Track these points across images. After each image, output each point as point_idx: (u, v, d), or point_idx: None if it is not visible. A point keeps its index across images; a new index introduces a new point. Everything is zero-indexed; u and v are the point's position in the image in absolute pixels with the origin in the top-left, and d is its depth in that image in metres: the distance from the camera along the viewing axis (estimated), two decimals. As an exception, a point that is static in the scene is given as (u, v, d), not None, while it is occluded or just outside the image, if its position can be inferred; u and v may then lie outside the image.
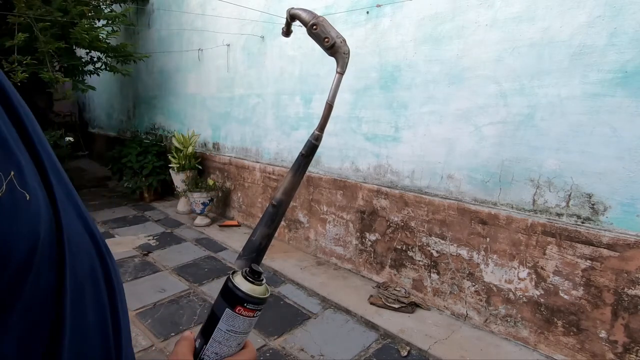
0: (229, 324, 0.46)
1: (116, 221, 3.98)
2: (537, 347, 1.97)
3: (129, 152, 4.71)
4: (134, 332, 2.12)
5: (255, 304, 0.47)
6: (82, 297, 0.36)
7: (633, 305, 1.66)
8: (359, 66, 2.67)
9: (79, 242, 0.37)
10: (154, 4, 5.00)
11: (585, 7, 1.73)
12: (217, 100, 4.16)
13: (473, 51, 2.12)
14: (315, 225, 3.12)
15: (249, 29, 3.59)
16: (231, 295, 0.47)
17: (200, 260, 3.09)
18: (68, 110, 7.92)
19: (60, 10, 3.81)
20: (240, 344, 0.48)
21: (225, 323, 0.47)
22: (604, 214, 1.75)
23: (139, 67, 5.23)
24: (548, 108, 1.88)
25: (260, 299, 0.47)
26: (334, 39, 0.56)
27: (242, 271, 0.49)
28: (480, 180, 2.15)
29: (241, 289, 0.47)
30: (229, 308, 0.46)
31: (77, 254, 0.36)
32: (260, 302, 0.47)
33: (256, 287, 0.47)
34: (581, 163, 1.80)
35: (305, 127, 3.17)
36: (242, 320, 0.47)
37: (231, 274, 0.49)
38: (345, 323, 2.28)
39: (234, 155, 4.02)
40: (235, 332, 0.47)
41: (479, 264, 2.16)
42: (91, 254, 0.40)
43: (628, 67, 1.64)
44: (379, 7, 2.53)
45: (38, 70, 3.60)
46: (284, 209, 0.59)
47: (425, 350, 1.99)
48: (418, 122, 2.40)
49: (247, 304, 0.46)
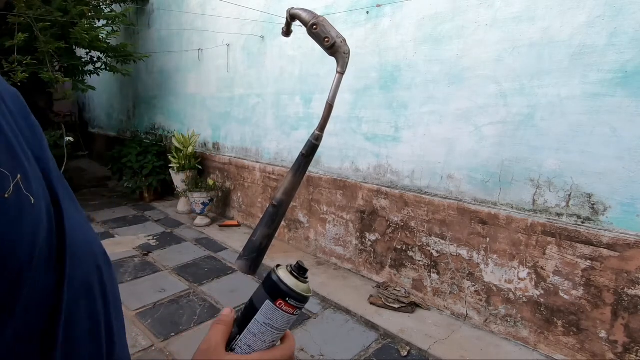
0: (267, 317, 0.45)
1: (116, 221, 3.98)
2: (537, 347, 1.97)
3: (129, 152, 4.71)
4: (134, 332, 2.12)
5: (297, 301, 0.45)
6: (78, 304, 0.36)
7: (633, 305, 1.66)
8: (359, 66, 2.67)
9: (80, 250, 0.37)
10: (154, 4, 5.00)
11: (585, 7, 1.73)
12: (217, 100, 4.16)
13: (473, 51, 2.12)
14: (315, 225, 3.12)
15: (249, 29, 3.59)
16: (274, 288, 0.46)
17: (200, 260, 3.09)
18: (68, 110, 7.91)
19: (60, 10, 3.81)
20: (274, 341, 0.46)
21: (263, 315, 0.45)
22: (604, 214, 1.75)
23: (139, 67, 5.23)
24: (548, 108, 1.88)
25: (303, 296, 0.45)
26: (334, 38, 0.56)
27: (287, 266, 0.48)
28: (480, 180, 2.16)
29: (285, 282, 0.45)
30: (269, 300, 0.45)
31: (77, 261, 0.36)
32: (302, 300, 0.45)
33: (300, 284, 0.46)
34: (581, 163, 1.80)
35: (305, 127, 3.17)
36: (282, 316, 0.45)
37: (275, 267, 0.48)
38: (345, 323, 2.28)
39: (234, 155, 4.02)
40: (272, 326, 0.45)
41: (479, 264, 2.16)
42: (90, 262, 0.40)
43: (628, 67, 1.64)
44: (379, 7, 2.53)
45: (38, 70, 3.60)
46: (285, 209, 0.59)
47: (425, 350, 1.99)
48: (418, 122, 2.40)
49: (289, 298, 0.45)
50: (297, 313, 0.46)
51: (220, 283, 2.73)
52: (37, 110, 4.77)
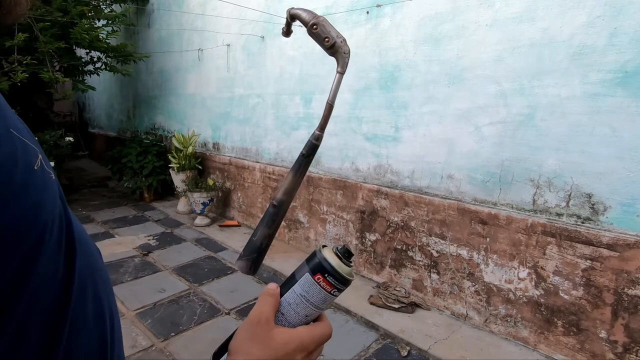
0: (304, 289, 0.46)
1: (116, 221, 3.98)
2: (537, 347, 1.97)
3: (129, 152, 4.71)
4: (134, 332, 2.12)
5: (336, 280, 0.45)
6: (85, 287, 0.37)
7: (633, 305, 1.66)
8: (359, 66, 2.67)
9: (82, 237, 0.39)
10: (154, 4, 5.00)
11: (585, 7, 1.73)
12: (217, 100, 4.16)
13: (473, 51, 2.12)
14: (315, 225, 3.12)
15: (249, 29, 3.59)
16: (314, 262, 0.46)
17: (200, 260, 3.09)
18: (68, 110, 7.92)
19: (60, 10, 3.81)
20: (308, 316, 0.46)
21: (300, 287, 0.46)
22: (604, 214, 1.75)
23: (139, 67, 5.23)
24: (548, 108, 1.88)
25: (342, 276, 0.45)
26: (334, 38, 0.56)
27: (333, 247, 0.48)
28: (480, 180, 2.16)
29: (327, 259, 0.46)
30: (309, 273, 0.46)
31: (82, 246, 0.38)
32: (341, 280, 0.45)
33: (342, 264, 0.46)
34: (581, 163, 1.80)
35: (306, 127, 3.17)
36: (318, 291, 0.45)
37: (321, 246, 0.49)
38: (345, 323, 2.28)
39: (234, 155, 4.02)
40: (307, 299, 0.46)
41: (479, 264, 2.16)
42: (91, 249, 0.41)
43: (628, 67, 1.64)
44: (379, 7, 2.53)
45: (38, 70, 3.60)
46: (285, 209, 0.59)
47: (425, 350, 1.99)
48: (418, 122, 2.40)
49: (327, 275, 0.45)
50: (334, 293, 0.46)
51: (220, 283, 2.73)
52: (37, 110, 4.78)
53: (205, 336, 2.10)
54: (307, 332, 0.45)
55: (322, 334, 0.46)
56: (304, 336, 0.45)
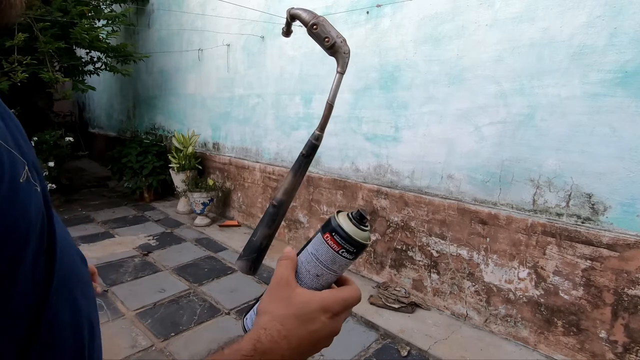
0: (315, 247, 0.47)
1: (116, 221, 3.98)
2: (537, 347, 1.97)
3: (129, 152, 4.71)
4: (134, 332, 2.12)
5: (342, 239, 0.45)
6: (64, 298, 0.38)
7: (633, 305, 1.66)
8: (359, 66, 2.67)
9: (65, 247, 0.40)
10: (154, 4, 5.00)
11: (585, 7, 1.73)
12: (217, 100, 4.16)
13: (473, 51, 2.12)
14: (315, 225, 3.12)
15: (249, 29, 3.59)
16: (326, 223, 0.47)
17: (200, 260, 3.09)
18: (68, 110, 7.92)
19: (60, 10, 3.81)
20: (319, 276, 0.46)
21: (312, 245, 0.47)
22: (604, 214, 1.75)
23: (139, 67, 5.23)
24: (548, 108, 1.88)
25: (351, 237, 0.45)
26: (334, 38, 0.56)
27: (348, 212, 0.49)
28: (480, 180, 2.16)
29: (337, 218, 0.46)
30: (320, 233, 0.47)
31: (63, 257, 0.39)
32: (348, 240, 0.45)
33: (353, 226, 0.46)
34: (581, 163, 1.80)
35: (305, 127, 3.17)
36: (326, 249, 0.46)
37: (337, 211, 0.49)
38: (345, 323, 2.26)
39: (234, 155, 4.02)
40: (316, 257, 0.46)
41: (479, 264, 2.16)
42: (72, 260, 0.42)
43: (628, 67, 1.64)
44: (379, 7, 2.53)
45: (38, 70, 3.60)
46: (285, 210, 0.59)
47: (425, 350, 1.99)
48: (418, 122, 2.40)
49: (335, 233, 0.45)
50: (342, 254, 0.46)
51: (220, 283, 2.73)
52: (37, 110, 4.78)
53: (205, 336, 2.10)
54: (329, 293, 0.46)
55: (347, 296, 0.46)
56: (327, 296, 0.45)
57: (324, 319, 0.44)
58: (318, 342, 0.45)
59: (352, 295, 0.47)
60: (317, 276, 0.47)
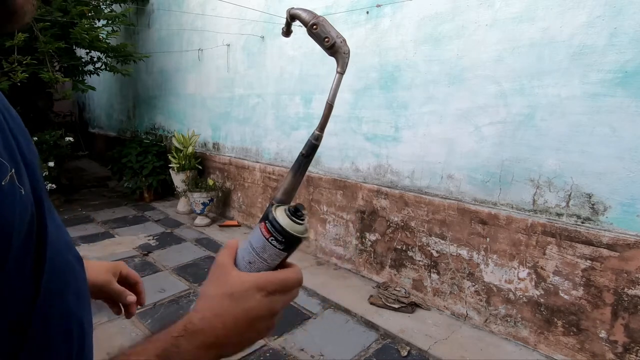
0: (252, 235, 0.49)
1: (116, 221, 3.98)
2: (537, 347, 1.97)
3: (129, 152, 4.71)
4: (134, 332, 2.12)
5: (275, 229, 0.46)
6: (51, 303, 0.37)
7: (633, 305, 1.66)
8: (359, 66, 2.67)
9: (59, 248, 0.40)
10: (154, 4, 5.00)
11: (585, 7, 1.73)
12: (217, 100, 4.16)
13: (473, 51, 2.12)
14: (315, 225, 3.12)
15: (249, 29, 3.59)
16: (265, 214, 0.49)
17: (200, 260, 3.09)
18: (68, 110, 7.92)
19: (60, 10, 3.81)
20: (251, 263, 0.48)
21: (251, 234, 0.49)
22: (604, 214, 1.75)
23: (139, 67, 5.23)
24: (548, 108, 1.88)
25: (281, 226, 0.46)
26: (334, 38, 0.56)
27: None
28: (480, 180, 2.16)
29: (274, 211, 0.48)
30: (259, 223, 0.49)
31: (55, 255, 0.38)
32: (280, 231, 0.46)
33: (286, 218, 0.47)
34: (581, 163, 1.80)
35: (305, 127, 3.17)
36: (259, 237, 0.47)
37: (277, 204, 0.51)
38: (345, 323, 2.28)
39: (234, 155, 4.02)
40: (251, 245, 0.48)
41: (479, 264, 2.16)
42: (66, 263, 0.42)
43: (628, 67, 1.64)
44: (379, 7, 2.53)
45: (38, 70, 3.60)
46: (284, 209, 0.59)
47: (425, 350, 1.99)
48: (418, 122, 2.40)
49: (268, 222, 0.47)
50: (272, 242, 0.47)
51: (220, 283, 2.72)
52: (37, 110, 4.78)
53: (205, 336, 2.10)
54: (265, 273, 0.47)
55: (284, 276, 0.47)
56: (261, 275, 0.46)
57: (259, 297, 0.44)
58: (255, 321, 0.44)
59: (290, 276, 0.47)
60: (249, 263, 0.48)
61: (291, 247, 0.48)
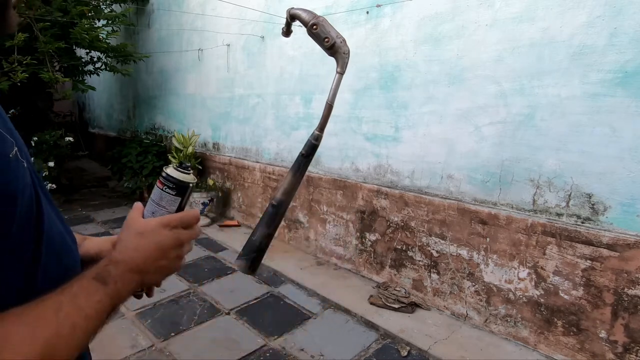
0: (152, 192, 0.58)
1: (116, 221, 3.98)
2: (537, 347, 1.97)
3: (129, 152, 4.71)
4: (134, 332, 2.12)
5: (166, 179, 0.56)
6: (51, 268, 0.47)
7: (633, 305, 1.66)
8: (359, 66, 2.67)
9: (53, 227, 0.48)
10: (154, 4, 5.00)
11: (585, 7, 1.73)
12: (217, 100, 4.16)
13: (473, 51, 2.12)
14: (315, 225, 3.12)
15: (249, 29, 3.59)
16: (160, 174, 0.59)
17: (200, 260, 3.09)
18: (68, 110, 7.91)
19: (60, 10, 3.81)
20: (154, 213, 0.57)
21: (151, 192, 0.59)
22: (604, 214, 1.75)
23: (139, 67, 5.23)
24: (548, 108, 1.88)
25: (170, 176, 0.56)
26: (334, 39, 0.56)
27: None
28: (480, 180, 2.15)
29: (165, 168, 0.58)
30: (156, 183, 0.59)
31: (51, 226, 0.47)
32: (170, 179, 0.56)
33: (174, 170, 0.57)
34: (581, 163, 1.80)
35: (305, 127, 3.16)
36: (156, 189, 0.57)
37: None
38: (345, 323, 2.28)
39: (234, 155, 4.02)
40: (152, 199, 0.57)
41: (479, 264, 2.16)
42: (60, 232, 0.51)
43: (628, 67, 1.64)
44: (379, 7, 2.53)
45: (38, 70, 3.59)
46: (284, 209, 0.59)
47: (425, 350, 1.99)
48: (418, 122, 2.40)
49: (161, 177, 0.57)
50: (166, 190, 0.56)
51: (220, 283, 2.73)
52: (37, 110, 4.78)
53: (205, 336, 2.10)
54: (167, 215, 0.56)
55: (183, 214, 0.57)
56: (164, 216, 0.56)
57: (165, 232, 0.54)
58: (165, 250, 0.54)
59: (188, 213, 0.57)
60: (152, 213, 0.57)
61: (182, 192, 0.57)
